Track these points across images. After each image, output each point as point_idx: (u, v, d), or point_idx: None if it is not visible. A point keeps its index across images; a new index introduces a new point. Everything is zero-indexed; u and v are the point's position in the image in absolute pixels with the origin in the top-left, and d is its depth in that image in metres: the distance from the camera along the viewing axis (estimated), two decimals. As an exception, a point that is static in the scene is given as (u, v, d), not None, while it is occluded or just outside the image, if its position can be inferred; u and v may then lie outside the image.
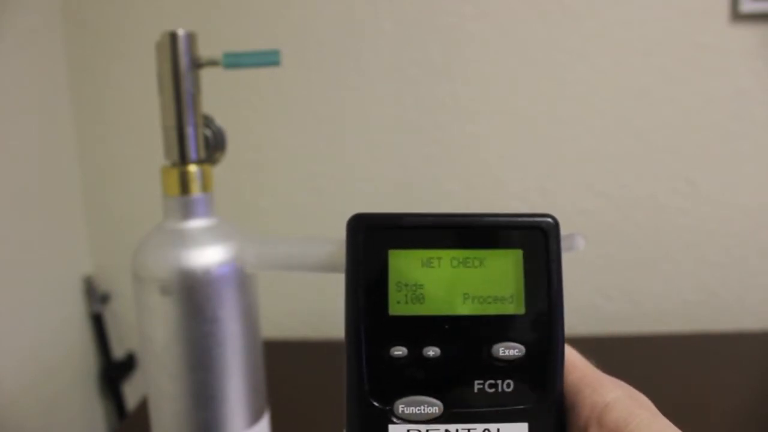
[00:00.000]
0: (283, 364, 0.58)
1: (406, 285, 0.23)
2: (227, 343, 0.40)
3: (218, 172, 0.43)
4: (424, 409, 0.22)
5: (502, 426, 0.22)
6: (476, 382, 0.23)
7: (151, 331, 0.40)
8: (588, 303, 0.82)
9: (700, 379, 0.67)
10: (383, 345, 0.23)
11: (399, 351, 0.23)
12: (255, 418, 0.42)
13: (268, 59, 0.40)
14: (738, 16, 0.73)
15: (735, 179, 0.78)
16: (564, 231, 0.24)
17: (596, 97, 0.77)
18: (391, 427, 0.22)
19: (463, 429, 0.22)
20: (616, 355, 0.73)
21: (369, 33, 0.77)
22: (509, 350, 0.22)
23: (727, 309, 0.81)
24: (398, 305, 0.23)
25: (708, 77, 0.76)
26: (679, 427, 0.20)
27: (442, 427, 0.22)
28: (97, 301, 0.81)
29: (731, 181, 0.78)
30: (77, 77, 0.79)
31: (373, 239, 0.23)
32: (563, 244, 0.23)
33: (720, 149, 0.78)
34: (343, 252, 0.23)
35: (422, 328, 0.23)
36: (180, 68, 0.39)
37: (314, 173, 0.80)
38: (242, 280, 0.40)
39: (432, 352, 0.23)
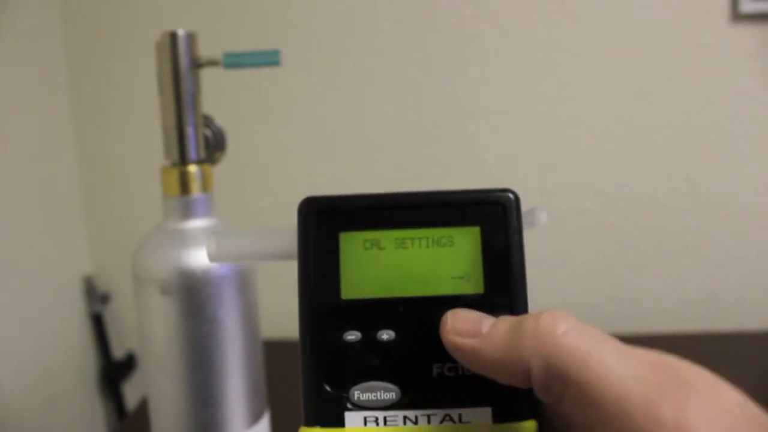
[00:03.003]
0: (283, 364, 0.58)
1: (358, 268, 0.22)
2: (227, 343, 0.40)
3: (218, 172, 0.43)
4: (380, 395, 0.21)
5: (464, 411, 0.21)
6: (434, 365, 0.22)
7: (151, 331, 0.40)
8: (588, 303, 0.82)
9: (700, 379, 0.67)
10: (336, 330, 0.22)
11: (352, 335, 0.22)
12: (255, 418, 0.42)
13: (268, 59, 0.40)
14: (738, 16, 0.73)
15: (735, 179, 0.78)
16: (563, 230, 0.23)
17: (596, 97, 0.77)
18: (347, 414, 0.21)
19: (422, 415, 0.21)
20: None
21: (369, 33, 0.77)
22: None
23: (727, 309, 0.81)
24: (350, 289, 0.22)
25: (708, 77, 0.76)
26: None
27: (401, 413, 0.21)
28: (97, 301, 0.81)
29: (731, 181, 0.78)
30: (77, 77, 0.79)
31: (324, 222, 0.22)
32: (524, 220, 0.22)
33: (720, 149, 0.78)
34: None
35: (375, 312, 0.22)
36: (180, 68, 0.39)
37: (314, 173, 0.80)
38: (242, 280, 0.40)
39: (386, 335, 0.22)
